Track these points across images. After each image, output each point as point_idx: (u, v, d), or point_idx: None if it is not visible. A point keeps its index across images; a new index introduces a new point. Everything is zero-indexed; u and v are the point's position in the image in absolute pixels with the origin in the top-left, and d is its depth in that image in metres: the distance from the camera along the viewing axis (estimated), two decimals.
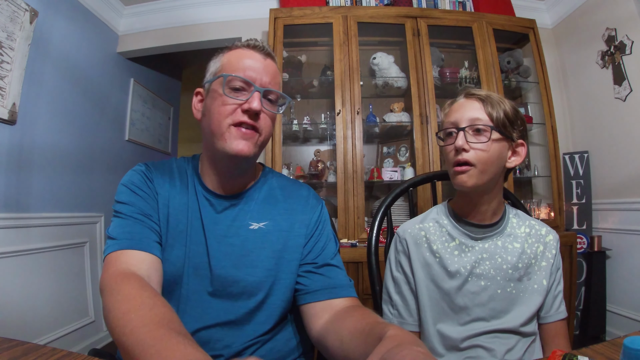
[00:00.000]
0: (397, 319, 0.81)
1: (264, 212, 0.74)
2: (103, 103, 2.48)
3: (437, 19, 2.17)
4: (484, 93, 0.78)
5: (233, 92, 0.67)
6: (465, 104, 0.78)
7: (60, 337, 1.91)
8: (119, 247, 0.60)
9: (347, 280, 0.72)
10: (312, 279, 0.71)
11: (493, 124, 0.74)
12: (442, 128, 0.82)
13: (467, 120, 0.75)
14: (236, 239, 0.70)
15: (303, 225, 0.75)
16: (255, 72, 0.67)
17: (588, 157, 2.32)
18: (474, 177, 0.74)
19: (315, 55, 2.38)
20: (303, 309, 0.70)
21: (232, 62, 0.69)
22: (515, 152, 0.79)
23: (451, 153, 0.77)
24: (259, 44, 0.71)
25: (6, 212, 1.70)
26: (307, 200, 0.79)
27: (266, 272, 0.70)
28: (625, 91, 2.08)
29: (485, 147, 0.74)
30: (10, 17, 1.70)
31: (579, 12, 2.39)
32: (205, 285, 0.68)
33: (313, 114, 2.33)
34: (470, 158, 0.74)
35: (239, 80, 0.66)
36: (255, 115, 0.66)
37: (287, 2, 2.24)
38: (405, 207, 2.06)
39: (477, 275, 0.77)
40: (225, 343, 0.66)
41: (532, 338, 0.77)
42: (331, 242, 0.77)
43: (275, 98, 0.71)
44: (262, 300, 0.69)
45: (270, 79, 0.69)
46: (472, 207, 0.80)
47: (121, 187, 0.70)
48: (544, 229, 0.84)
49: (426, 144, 2.03)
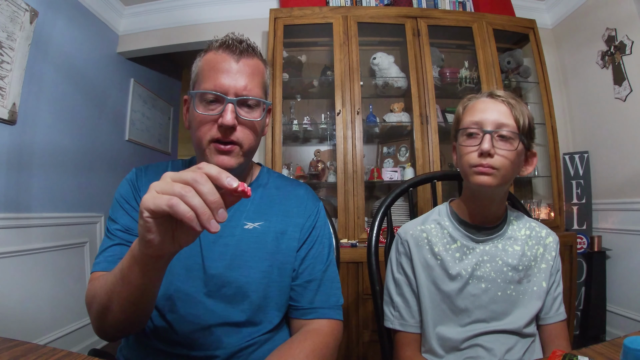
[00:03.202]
0: (398, 321, 0.81)
1: (260, 212, 0.74)
2: (103, 103, 2.48)
3: (437, 19, 2.17)
4: (510, 96, 0.75)
5: (207, 107, 0.65)
6: (490, 104, 0.75)
7: (60, 337, 1.91)
8: (99, 268, 0.66)
9: (325, 299, 0.73)
10: (295, 293, 0.74)
11: (519, 132, 0.73)
12: (462, 126, 0.78)
13: (493, 123, 0.73)
14: (231, 238, 0.70)
15: (297, 229, 0.75)
16: (228, 78, 0.64)
17: (588, 157, 2.32)
18: (497, 179, 0.73)
19: (315, 55, 2.38)
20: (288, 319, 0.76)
21: (205, 70, 0.66)
22: (528, 162, 0.79)
23: (472, 154, 0.74)
24: (232, 42, 0.66)
25: (6, 212, 1.70)
26: (304, 202, 0.79)
27: (260, 274, 0.69)
28: (625, 91, 2.08)
29: (511, 155, 0.72)
30: (10, 17, 1.70)
31: (579, 12, 2.39)
32: (199, 286, 0.67)
33: (313, 114, 2.33)
34: (496, 164, 0.72)
35: (210, 94, 0.64)
36: (232, 129, 0.64)
37: (287, 2, 2.24)
38: (405, 207, 2.06)
39: (478, 277, 0.77)
40: (222, 344, 0.66)
41: (532, 338, 0.77)
42: (325, 249, 0.77)
43: (254, 102, 0.67)
44: (257, 303, 0.69)
45: (247, 82, 0.65)
46: (477, 209, 0.80)
47: (114, 199, 0.74)
48: (544, 230, 0.83)
49: (426, 144, 2.03)
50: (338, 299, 0.75)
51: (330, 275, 0.76)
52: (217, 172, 0.41)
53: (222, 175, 0.41)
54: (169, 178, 0.42)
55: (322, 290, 0.73)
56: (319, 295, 0.73)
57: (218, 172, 0.41)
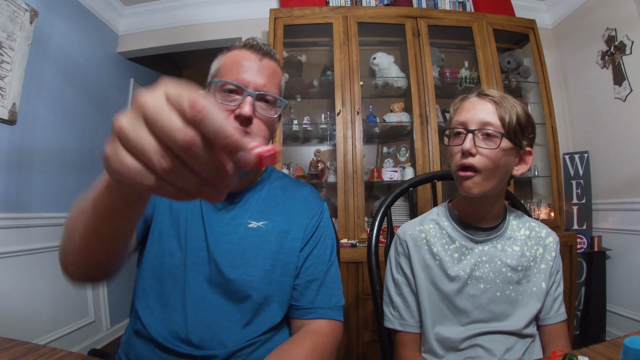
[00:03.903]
0: (398, 321, 0.81)
1: (264, 211, 0.74)
2: (103, 103, 2.47)
3: (437, 19, 2.17)
4: (498, 95, 0.74)
5: (226, 97, 0.66)
6: (477, 104, 0.75)
7: (60, 337, 1.91)
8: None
9: (326, 299, 0.73)
10: (297, 293, 0.73)
11: (504, 130, 0.71)
12: (450, 126, 0.79)
13: (477, 122, 0.73)
14: (234, 236, 0.70)
15: (301, 229, 0.75)
16: (249, 74, 0.67)
17: (588, 157, 2.32)
18: (479, 185, 0.72)
19: (315, 55, 2.38)
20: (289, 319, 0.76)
21: (227, 64, 0.69)
22: (522, 160, 0.77)
23: (457, 155, 0.74)
24: (257, 44, 0.70)
25: (6, 212, 1.70)
26: (308, 202, 0.79)
27: (263, 273, 0.70)
28: (625, 91, 2.08)
29: (493, 154, 0.71)
30: (10, 17, 1.70)
31: (579, 12, 2.39)
32: (204, 281, 0.68)
33: (313, 114, 2.32)
34: (476, 163, 0.71)
35: (231, 84, 0.66)
36: (247, 121, 0.65)
37: (287, 2, 2.24)
38: (405, 207, 2.06)
39: (477, 278, 0.77)
40: (222, 342, 0.66)
41: (532, 339, 0.77)
42: (327, 250, 0.77)
43: (273, 99, 0.69)
44: (259, 302, 0.69)
45: (267, 80, 0.68)
46: (473, 210, 0.80)
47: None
48: (544, 231, 0.83)
49: (426, 144, 2.03)
50: (339, 300, 0.75)
51: (332, 276, 0.76)
52: (220, 125, 0.24)
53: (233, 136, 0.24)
54: (152, 114, 0.25)
55: (324, 291, 0.74)
56: (320, 295, 0.73)
57: (221, 125, 0.24)
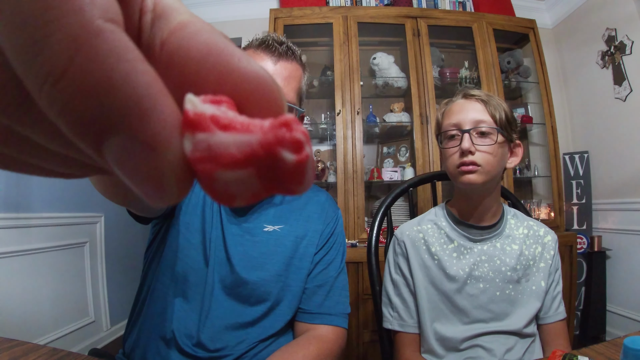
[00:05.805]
0: (397, 321, 0.81)
1: (281, 216, 0.74)
2: None
3: (437, 19, 2.17)
4: (483, 94, 0.77)
5: None
6: (466, 104, 0.77)
7: (60, 337, 1.91)
8: None
9: (333, 306, 0.73)
10: (305, 296, 0.73)
11: (497, 126, 0.74)
12: (441, 130, 0.80)
13: (470, 121, 0.75)
14: (249, 239, 0.70)
15: (317, 235, 0.75)
16: None
17: (588, 157, 2.31)
18: (482, 175, 0.74)
19: (315, 55, 2.38)
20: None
21: None
22: (513, 153, 0.80)
23: (455, 155, 0.76)
24: (273, 44, 0.66)
25: (6, 212, 1.70)
26: (325, 209, 0.79)
27: (275, 277, 0.69)
28: (625, 91, 2.08)
29: (491, 149, 0.73)
30: None
31: (579, 12, 2.39)
32: (219, 281, 0.68)
33: (313, 114, 2.33)
34: (477, 160, 0.73)
35: None
36: None
37: (287, 2, 2.24)
38: (405, 207, 2.06)
39: (476, 277, 0.77)
40: (227, 344, 0.65)
41: (532, 338, 0.77)
42: (338, 257, 0.78)
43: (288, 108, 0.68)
44: (270, 305, 0.69)
45: (282, 85, 0.64)
46: (471, 208, 0.80)
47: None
48: (542, 229, 0.83)
49: (426, 144, 2.03)
50: (345, 307, 0.75)
51: (341, 283, 0.76)
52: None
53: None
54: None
55: (332, 297, 0.74)
56: (328, 300, 0.73)
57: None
